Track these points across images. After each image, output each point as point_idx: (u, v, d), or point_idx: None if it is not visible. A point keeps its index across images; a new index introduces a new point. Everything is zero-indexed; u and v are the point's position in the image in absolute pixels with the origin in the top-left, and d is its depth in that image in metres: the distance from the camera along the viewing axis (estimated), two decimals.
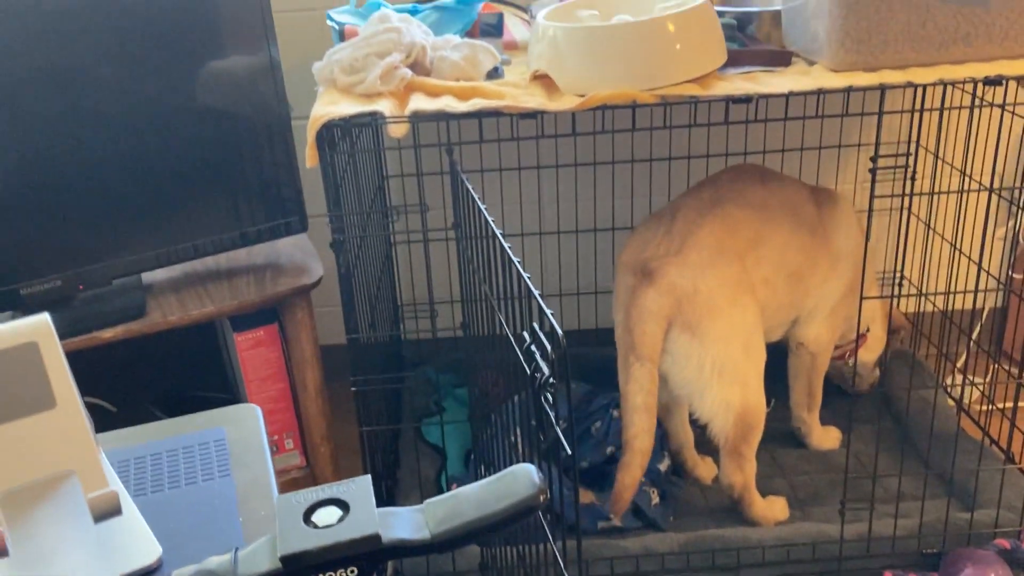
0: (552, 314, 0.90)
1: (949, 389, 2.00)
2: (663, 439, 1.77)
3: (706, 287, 1.50)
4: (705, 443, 1.69)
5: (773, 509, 1.66)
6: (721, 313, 1.51)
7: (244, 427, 0.81)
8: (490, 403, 1.52)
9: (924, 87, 1.41)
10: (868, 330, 1.91)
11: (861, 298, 1.51)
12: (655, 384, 1.52)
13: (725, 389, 1.53)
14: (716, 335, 1.51)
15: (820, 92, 1.38)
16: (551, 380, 0.89)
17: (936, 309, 2.09)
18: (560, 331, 0.88)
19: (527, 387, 0.99)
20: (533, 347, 0.95)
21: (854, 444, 1.85)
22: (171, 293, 1.56)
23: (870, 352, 1.95)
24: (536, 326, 0.96)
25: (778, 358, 2.09)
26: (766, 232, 1.60)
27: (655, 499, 1.68)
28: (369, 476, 0.55)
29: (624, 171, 2.09)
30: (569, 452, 0.90)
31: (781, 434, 1.88)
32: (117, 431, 0.85)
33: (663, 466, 1.74)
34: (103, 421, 1.75)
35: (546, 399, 0.92)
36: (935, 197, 2.07)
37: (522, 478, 0.54)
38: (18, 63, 1.33)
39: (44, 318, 0.58)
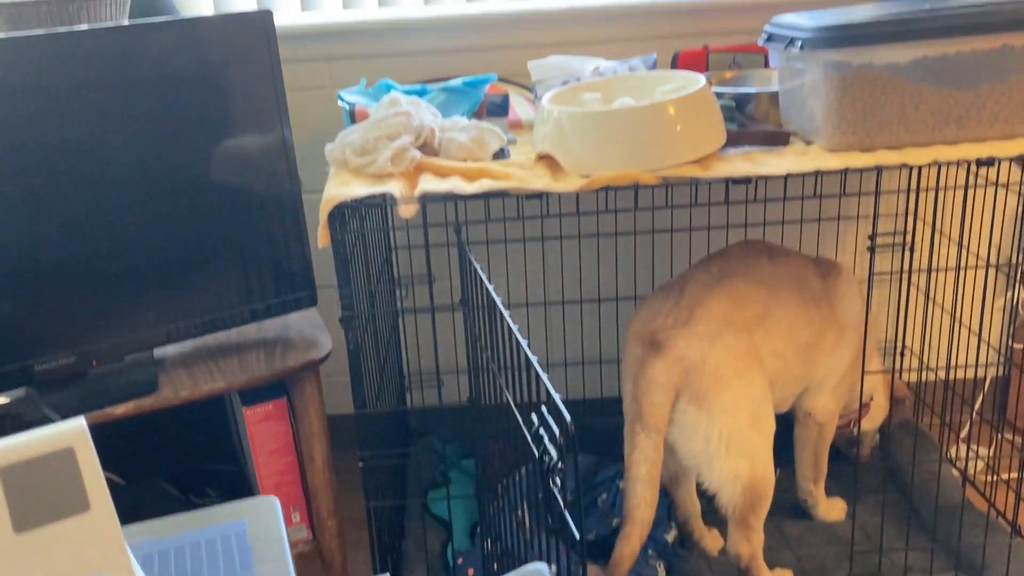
0: (560, 398, 0.92)
1: (954, 460, 2.00)
2: (670, 509, 1.78)
3: (714, 358, 1.53)
4: (711, 513, 1.69)
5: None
6: (728, 384, 1.53)
7: (264, 520, 0.82)
8: (496, 475, 1.53)
9: (920, 168, 1.45)
10: (871, 399, 1.93)
11: (863, 369, 1.53)
12: (660, 455, 1.53)
13: (733, 460, 1.54)
14: (723, 406, 1.53)
15: (818, 173, 1.41)
16: (559, 464, 0.91)
17: (938, 378, 2.11)
18: (567, 414, 0.90)
19: (534, 464, 1.01)
20: (541, 430, 0.97)
21: (860, 516, 1.85)
22: (182, 368, 1.58)
23: (872, 421, 1.96)
24: (544, 409, 0.98)
25: (783, 427, 2.11)
26: (774, 306, 1.63)
27: (661, 572, 1.68)
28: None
29: (627, 243, 2.13)
30: (577, 536, 0.91)
31: (787, 505, 1.88)
32: (142, 524, 0.87)
33: (670, 537, 1.74)
34: (112, 494, 1.76)
35: (554, 482, 0.94)
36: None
37: None
38: (34, 138, 1.37)
39: (80, 423, 0.60)
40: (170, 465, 1.91)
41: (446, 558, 1.79)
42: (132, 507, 1.75)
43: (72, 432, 0.58)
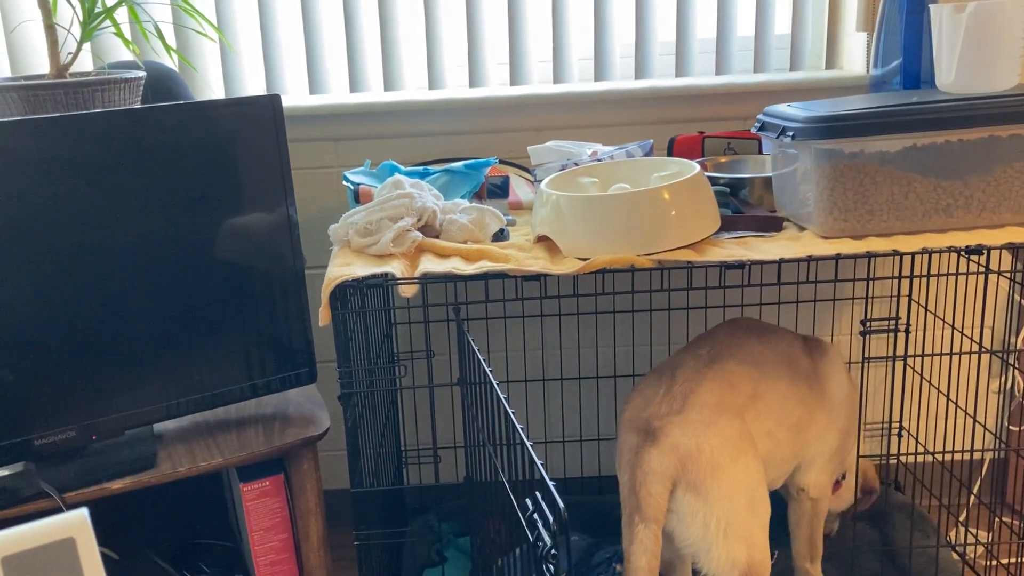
0: (554, 484, 0.93)
1: (953, 543, 1.99)
2: None
3: (709, 446, 1.53)
4: None
5: None
6: (725, 471, 1.54)
7: None
8: (492, 553, 1.53)
9: (912, 255, 1.48)
10: (843, 477, 1.93)
11: (858, 450, 1.54)
12: (659, 545, 1.53)
13: (731, 546, 1.54)
14: (721, 493, 1.53)
15: (810, 259, 1.44)
16: (553, 551, 0.91)
17: (935, 460, 2.11)
18: (560, 503, 0.91)
19: (530, 546, 1.01)
20: (535, 515, 0.98)
21: None
22: (181, 443, 1.59)
23: (839, 501, 1.96)
24: (538, 494, 0.99)
25: (777, 507, 2.09)
26: (764, 387, 1.65)
27: None
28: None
29: (624, 321, 2.15)
30: None
31: None
32: None
33: None
34: (107, 569, 1.75)
35: (548, 569, 0.94)
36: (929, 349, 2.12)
37: None
38: (42, 216, 1.40)
39: (82, 513, 0.61)
40: (165, 540, 1.90)
41: None
42: None
43: (73, 522, 0.60)
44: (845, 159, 1.48)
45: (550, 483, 0.91)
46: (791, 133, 1.53)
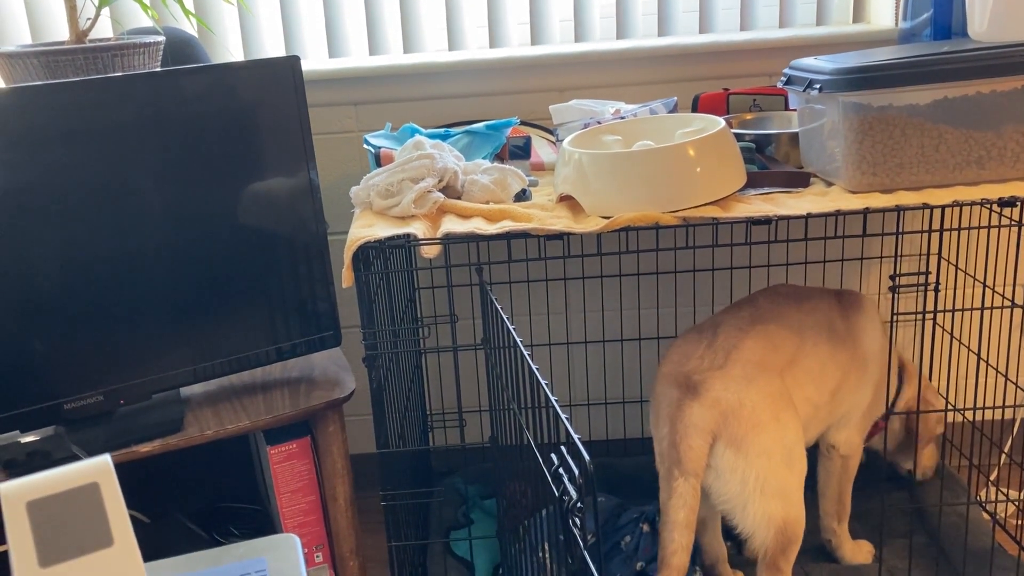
0: (579, 438, 0.92)
1: (983, 502, 1.97)
2: (697, 554, 1.76)
3: (750, 401, 1.52)
4: (734, 557, 1.67)
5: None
6: (765, 427, 1.53)
7: (284, 558, 0.83)
8: (518, 515, 1.53)
9: (943, 208, 1.45)
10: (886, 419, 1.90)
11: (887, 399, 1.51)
12: (697, 500, 1.52)
13: (768, 503, 1.53)
14: (760, 449, 1.52)
15: (838, 214, 1.42)
16: (579, 504, 0.91)
17: (965, 419, 2.08)
18: (586, 454, 0.90)
19: (555, 505, 1.01)
20: (561, 469, 0.98)
21: (887, 560, 1.82)
22: (208, 407, 1.60)
23: (930, 460, 1.96)
24: (564, 448, 0.98)
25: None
26: (804, 353, 1.64)
27: None
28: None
29: (649, 283, 2.14)
30: None
31: (813, 548, 1.86)
32: (163, 561, 0.88)
33: None
34: (137, 532, 1.78)
35: (574, 523, 0.94)
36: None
37: None
38: (67, 181, 1.41)
39: (105, 460, 0.61)
40: (195, 504, 1.92)
41: None
42: (156, 545, 1.76)
43: (97, 468, 0.60)
44: (874, 112, 1.45)
45: (575, 436, 0.91)
46: (818, 86, 1.49)
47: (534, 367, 1.08)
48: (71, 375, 1.48)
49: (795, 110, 1.80)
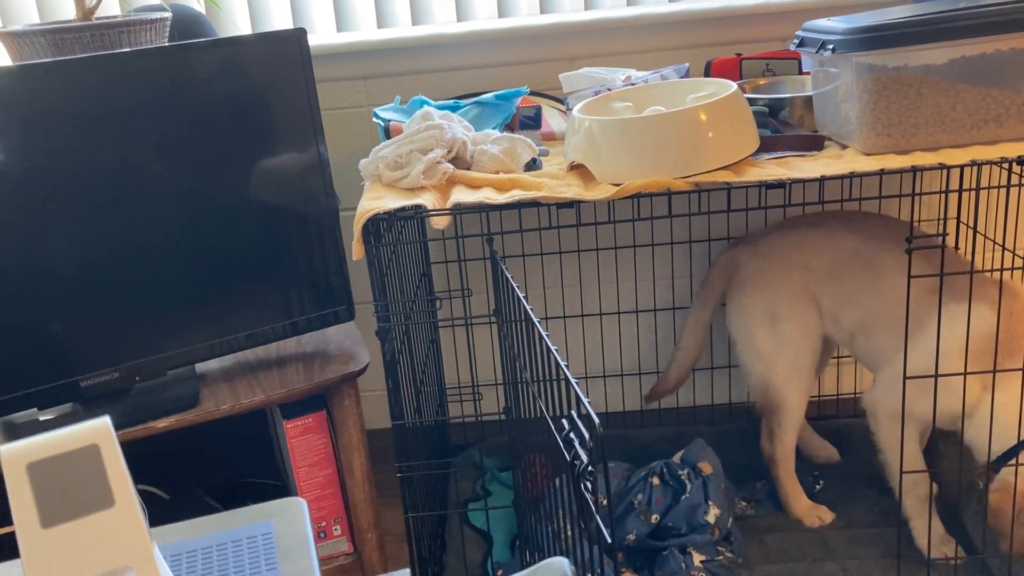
0: (588, 401, 0.92)
1: None
2: (706, 490, 1.75)
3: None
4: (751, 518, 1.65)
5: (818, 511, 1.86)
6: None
7: (290, 521, 0.83)
8: (535, 486, 1.53)
9: (961, 167, 1.42)
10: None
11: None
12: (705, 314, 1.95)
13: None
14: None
15: (852, 176, 1.40)
16: (590, 468, 0.90)
17: None
18: (595, 417, 0.89)
19: (567, 468, 1.01)
20: (571, 434, 0.97)
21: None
22: (223, 382, 1.61)
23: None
24: (574, 413, 0.97)
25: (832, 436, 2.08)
26: (841, 264, 1.76)
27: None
28: (407, 571, 0.56)
29: (663, 253, 2.12)
30: (609, 541, 0.91)
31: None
32: (171, 525, 0.88)
33: (710, 517, 1.72)
34: (156, 508, 1.79)
35: (585, 487, 0.94)
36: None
37: (555, 571, 0.55)
38: (77, 160, 1.41)
39: (104, 421, 0.62)
40: (214, 480, 1.93)
41: (487, 570, 1.79)
42: (176, 521, 1.78)
43: (97, 429, 0.60)
44: (889, 72, 1.43)
45: (584, 400, 0.90)
46: (831, 47, 1.47)
47: (544, 333, 1.08)
48: (87, 353, 1.49)
49: (808, 73, 1.77)
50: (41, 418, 1.49)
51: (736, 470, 1.97)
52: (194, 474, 1.92)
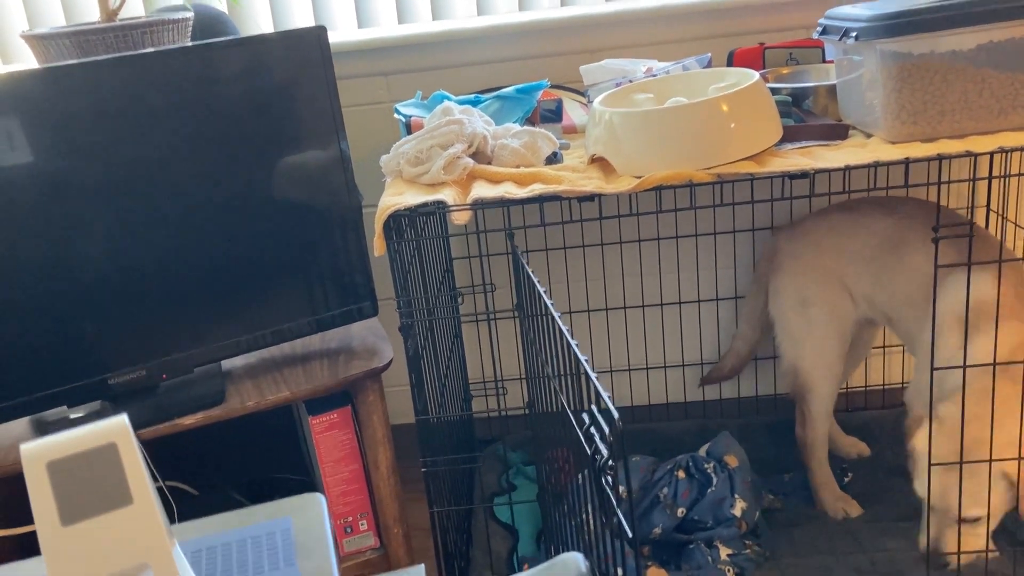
0: (608, 396, 0.91)
1: None
2: (732, 483, 1.74)
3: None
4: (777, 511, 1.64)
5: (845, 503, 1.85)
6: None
7: (309, 517, 0.84)
8: (559, 480, 1.53)
9: (990, 155, 1.40)
10: None
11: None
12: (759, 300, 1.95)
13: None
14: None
15: (877, 165, 1.38)
16: (610, 462, 0.90)
17: None
18: (615, 412, 0.89)
19: (588, 462, 1.00)
20: (592, 429, 0.97)
21: None
22: (248, 379, 1.62)
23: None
24: (594, 408, 0.97)
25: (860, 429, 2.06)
26: (871, 248, 1.77)
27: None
28: (423, 566, 0.57)
29: (688, 245, 2.11)
30: (631, 535, 0.90)
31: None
32: (192, 522, 0.89)
33: (736, 510, 1.71)
34: (185, 504, 1.81)
35: (607, 481, 0.93)
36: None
37: (570, 566, 0.55)
38: (104, 159, 1.43)
39: (122, 420, 0.62)
40: (242, 476, 1.95)
41: (513, 564, 1.79)
42: (204, 516, 1.79)
43: (114, 428, 0.60)
44: (914, 59, 1.40)
45: (604, 394, 0.90)
46: (855, 34, 1.45)
47: (564, 327, 1.07)
48: (115, 351, 1.51)
49: (832, 61, 1.75)
50: (71, 416, 1.51)
51: (763, 463, 1.95)
52: (222, 470, 1.94)
